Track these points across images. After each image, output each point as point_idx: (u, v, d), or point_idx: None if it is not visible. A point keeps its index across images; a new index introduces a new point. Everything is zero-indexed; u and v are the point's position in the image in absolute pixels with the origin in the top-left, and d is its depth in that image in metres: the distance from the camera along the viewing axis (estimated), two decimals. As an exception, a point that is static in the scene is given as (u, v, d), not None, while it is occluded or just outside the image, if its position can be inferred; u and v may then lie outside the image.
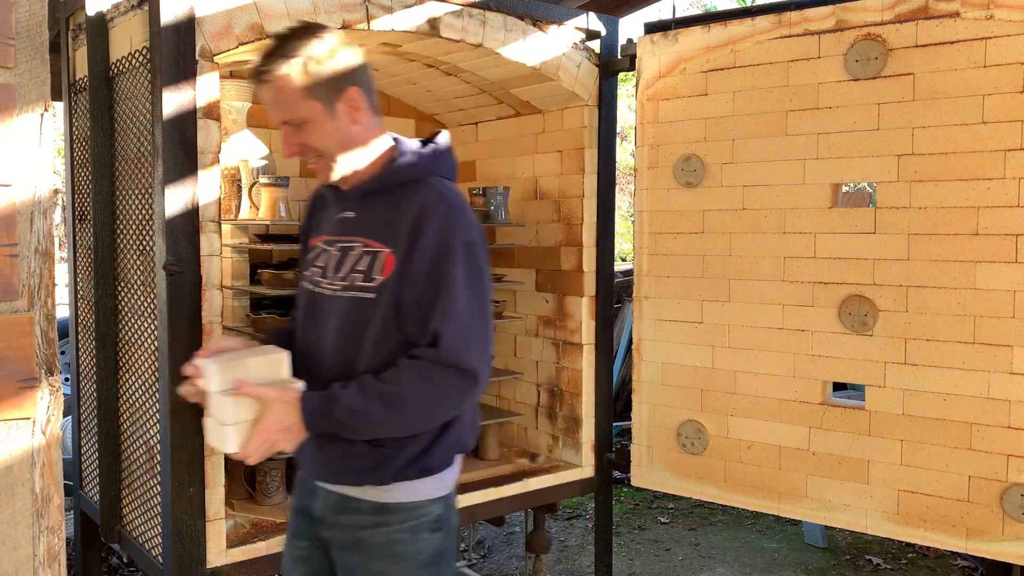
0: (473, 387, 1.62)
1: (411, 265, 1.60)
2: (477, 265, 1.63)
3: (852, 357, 2.49)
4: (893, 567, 3.92)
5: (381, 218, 1.67)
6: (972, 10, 2.26)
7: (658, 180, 2.84)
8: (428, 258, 1.59)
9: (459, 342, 1.58)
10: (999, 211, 2.25)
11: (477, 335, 1.61)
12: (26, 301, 0.90)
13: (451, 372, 1.58)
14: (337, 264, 1.70)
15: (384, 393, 1.56)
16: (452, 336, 1.58)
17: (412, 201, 1.64)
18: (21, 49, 0.89)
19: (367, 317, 1.63)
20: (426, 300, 1.59)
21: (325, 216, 1.80)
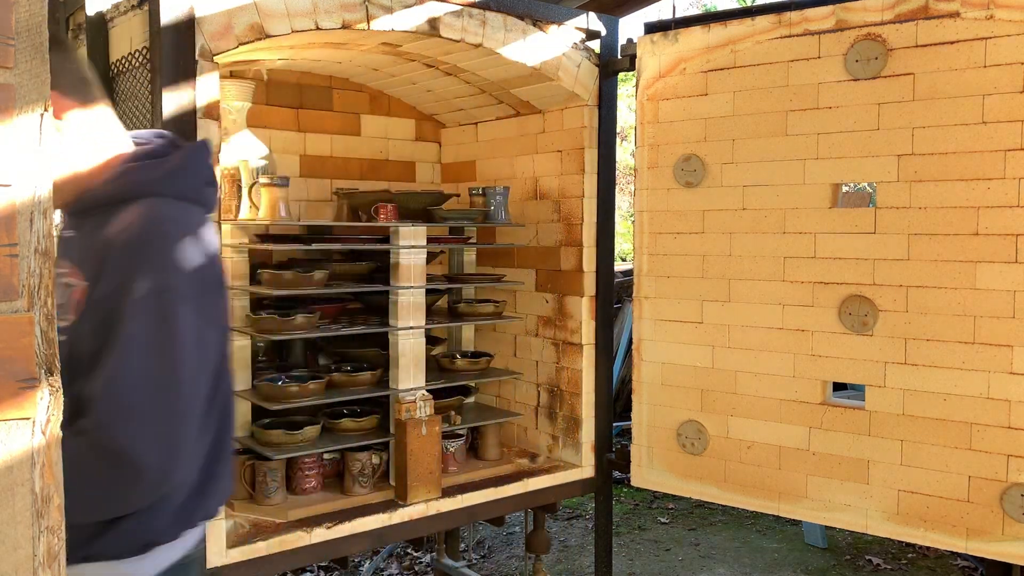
0: (136, 483, 1.24)
1: (90, 308, 1.27)
2: (168, 321, 1.26)
3: (852, 357, 2.49)
4: (893, 567, 3.92)
5: (83, 241, 1.35)
6: (972, 10, 2.26)
7: (658, 180, 2.84)
8: (105, 302, 1.26)
9: (115, 420, 1.22)
10: (999, 211, 2.25)
11: (149, 415, 1.24)
12: (26, 301, 0.90)
13: (104, 458, 1.22)
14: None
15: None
16: (106, 411, 1.22)
17: (113, 225, 1.32)
18: (21, 49, 0.89)
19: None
20: (96, 358, 1.25)
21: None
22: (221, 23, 2.21)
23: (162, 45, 2.13)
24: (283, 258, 3.25)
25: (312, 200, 3.39)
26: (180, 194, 1.40)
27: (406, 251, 2.73)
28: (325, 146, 3.43)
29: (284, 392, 2.63)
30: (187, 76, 2.17)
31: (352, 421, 2.78)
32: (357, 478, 2.73)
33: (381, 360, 2.91)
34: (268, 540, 2.39)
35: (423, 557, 4.03)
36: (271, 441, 2.62)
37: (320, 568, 3.82)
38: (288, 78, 3.31)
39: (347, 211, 3.03)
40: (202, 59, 2.19)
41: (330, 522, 2.53)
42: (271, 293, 2.70)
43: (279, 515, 2.56)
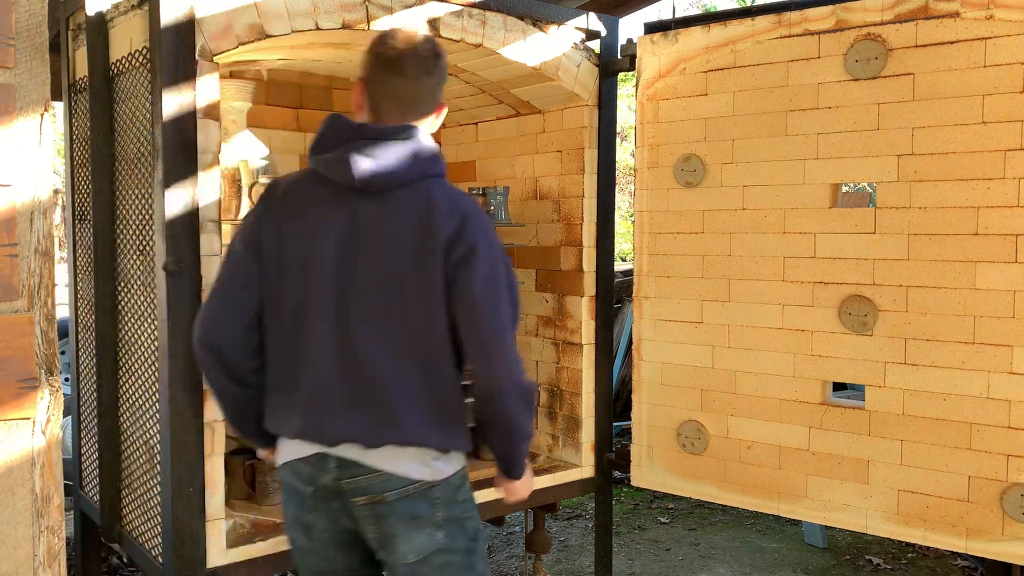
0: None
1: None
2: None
3: (852, 357, 2.49)
4: (893, 567, 3.92)
5: None
6: (972, 10, 2.26)
7: (658, 180, 2.84)
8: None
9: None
10: (999, 211, 2.25)
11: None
12: (26, 301, 0.90)
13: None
14: None
15: None
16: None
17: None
18: (21, 49, 0.89)
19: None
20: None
21: None
22: (221, 23, 2.21)
23: (162, 45, 2.13)
24: (283, 258, 3.24)
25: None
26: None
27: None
28: (325, 146, 3.43)
29: (284, 392, 2.62)
30: (187, 76, 2.17)
31: (352, 421, 2.78)
32: (357, 478, 2.72)
33: (381, 360, 2.90)
34: (268, 540, 2.39)
35: (423, 557, 4.02)
36: (271, 441, 2.62)
37: (320, 568, 3.81)
38: (288, 78, 3.31)
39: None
40: (202, 59, 2.19)
41: (330, 522, 2.52)
42: (271, 293, 2.69)
43: (279, 515, 2.55)
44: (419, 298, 1.70)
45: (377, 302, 1.70)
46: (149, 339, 2.32)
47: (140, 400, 2.41)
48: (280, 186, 1.81)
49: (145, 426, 2.39)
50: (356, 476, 1.72)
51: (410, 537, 1.74)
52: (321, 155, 1.74)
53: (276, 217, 1.76)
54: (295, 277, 1.73)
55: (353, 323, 1.70)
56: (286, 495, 1.83)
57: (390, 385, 1.70)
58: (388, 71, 1.74)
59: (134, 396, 2.45)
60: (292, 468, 1.78)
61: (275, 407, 1.79)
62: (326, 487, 1.74)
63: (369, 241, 1.71)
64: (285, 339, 1.76)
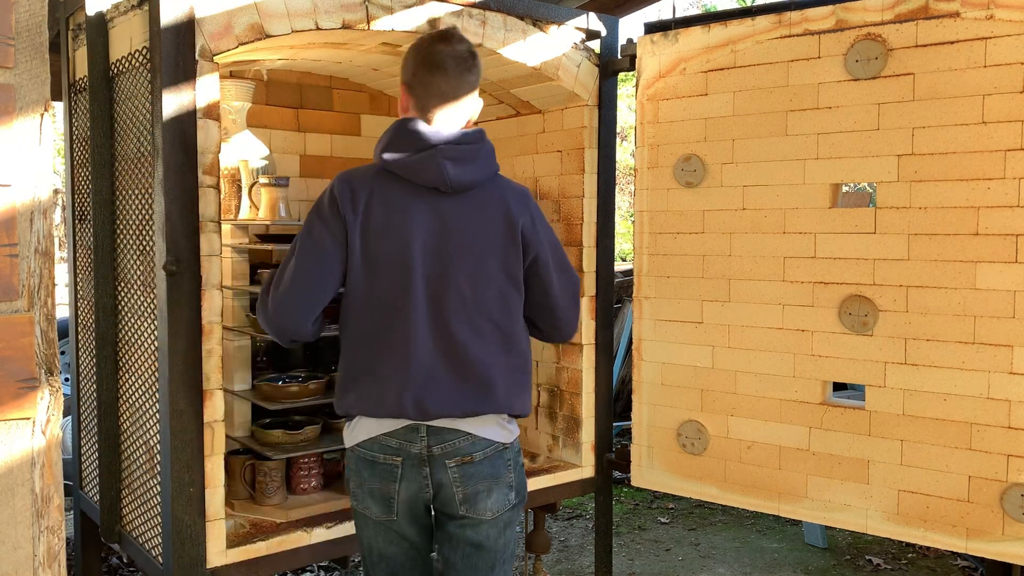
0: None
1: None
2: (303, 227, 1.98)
3: (852, 357, 2.49)
4: (893, 567, 3.92)
5: None
6: (972, 10, 2.26)
7: (658, 180, 2.84)
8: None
9: (266, 282, 2.04)
10: (999, 211, 2.25)
11: (276, 282, 1.97)
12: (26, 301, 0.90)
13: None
14: None
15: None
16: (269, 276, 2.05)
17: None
18: (21, 49, 0.89)
19: None
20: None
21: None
22: (221, 23, 2.21)
23: (162, 45, 2.13)
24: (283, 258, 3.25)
25: (312, 200, 3.39)
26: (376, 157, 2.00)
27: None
28: (325, 146, 3.43)
29: (284, 392, 2.63)
30: (187, 76, 2.17)
31: (352, 421, 2.78)
32: (357, 478, 2.73)
33: (381, 360, 2.90)
34: (268, 540, 2.39)
35: (423, 557, 4.03)
36: (271, 441, 2.62)
37: (320, 568, 3.82)
38: (288, 78, 3.31)
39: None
40: (202, 59, 2.19)
41: (330, 522, 2.53)
42: (271, 293, 2.69)
43: (279, 515, 2.56)
44: (503, 283, 1.98)
45: (466, 290, 1.94)
46: (149, 339, 2.32)
47: (140, 400, 2.41)
48: (357, 185, 1.95)
49: (145, 426, 2.39)
50: (447, 441, 1.94)
51: (490, 495, 1.98)
52: (400, 158, 1.92)
53: (361, 216, 1.92)
54: (387, 272, 1.93)
55: (446, 310, 1.93)
56: (366, 471, 1.98)
57: (483, 361, 1.95)
58: (433, 72, 1.94)
59: (134, 396, 2.45)
60: (377, 443, 1.96)
61: (362, 390, 1.96)
62: (418, 455, 1.94)
63: (457, 236, 1.94)
64: (375, 328, 1.95)
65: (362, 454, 1.98)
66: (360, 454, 1.99)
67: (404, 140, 1.93)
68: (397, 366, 1.92)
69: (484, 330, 1.96)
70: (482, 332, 1.96)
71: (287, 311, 1.94)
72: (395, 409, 1.92)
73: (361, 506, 2.02)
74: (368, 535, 2.04)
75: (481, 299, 1.96)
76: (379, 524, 2.01)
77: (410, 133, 1.93)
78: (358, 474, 2.00)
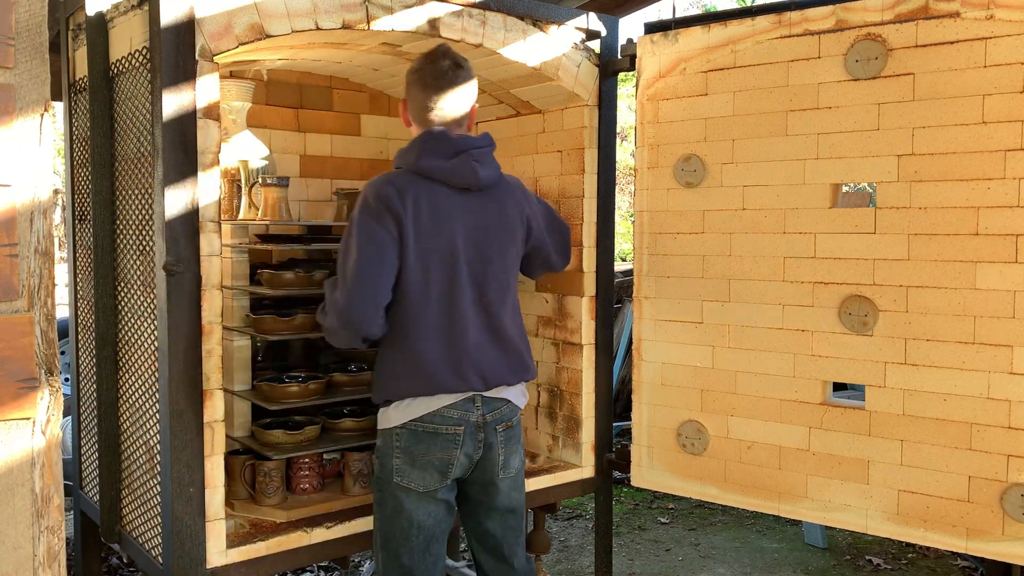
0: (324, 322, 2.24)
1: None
2: (348, 233, 2.17)
3: (852, 357, 2.50)
4: (893, 567, 3.92)
5: None
6: (972, 10, 2.26)
7: (658, 180, 2.84)
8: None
9: (328, 287, 2.24)
10: (999, 211, 2.25)
11: (338, 283, 2.18)
12: (26, 301, 0.90)
13: (327, 303, 2.25)
14: None
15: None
16: (328, 282, 2.27)
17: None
18: (21, 49, 0.89)
19: None
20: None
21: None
22: (221, 23, 2.21)
23: (162, 45, 2.13)
24: (283, 258, 3.25)
25: (312, 200, 3.39)
26: (400, 163, 2.26)
27: (406, 251, 2.73)
28: (325, 146, 3.43)
29: (284, 392, 2.63)
30: (187, 76, 2.17)
31: (352, 421, 2.78)
32: (357, 478, 2.73)
33: (381, 360, 2.90)
34: (268, 540, 2.39)
35: (423, 557, 4.02)
36: (271, 441, 2.62)
37: (320, 568, 3.82)
38: (288, 78, 3.31)
39: (347, 211, 3.03)
40: (202, 59, 2.19)
41: (330, 522, 2.53)
42: (271, 293, 2.70)
43: (279, 515, 2.56)
44: (514, 261, 2.34)
45: (498, 272, 2.26)
46: (149, 339, 2.32)
47: (140, 400, 2.41)
48: (401, 188, 2.17)
49: (145, 426, 2.39)
50: (496, 409, 2.26)
51: (515, 455, 2.34)
52: (436, 163, 2.18)
53: (411, 214, 2.14)
54: (438, 264, 2.17)
55: (487, 293, 2.24)
56: (426, 442, 2.19)
57: (513, 335, 2.29)
58: (441, 84, 2.21)
59: (134, 396, 2.46)
60: (439, 415, 2.19)
61: (421, 372, 2.17)
62: (475, 423, 2.23)
63: (488, 227, 2.24)
64: (432, 316, 2.18)
65: (422, 427, 2.18)
66: (419, 428, 2.18)
67: (438, 148, 2.19)
68: (455, 347, 2.18)
69: (509, 307, 2.29)
70: (509, 309, 2.29)
71: (362, 311, 2.12)
72: (457, 384, 2.18)
73: (405, 480, 2.20)
74: (409, 508, 2.21)
75: (507, 281, 2.29)
76: (422, 496, 2.21)
77: (442, 141, 2.20)
78: (413, 447, 2.19)
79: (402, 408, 2.20)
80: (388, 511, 2.25)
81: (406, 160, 2.22)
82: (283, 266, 2.98)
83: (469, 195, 2.23)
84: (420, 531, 2.23)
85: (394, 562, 2.26)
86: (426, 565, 2.25)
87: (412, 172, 2.20)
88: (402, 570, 2.25)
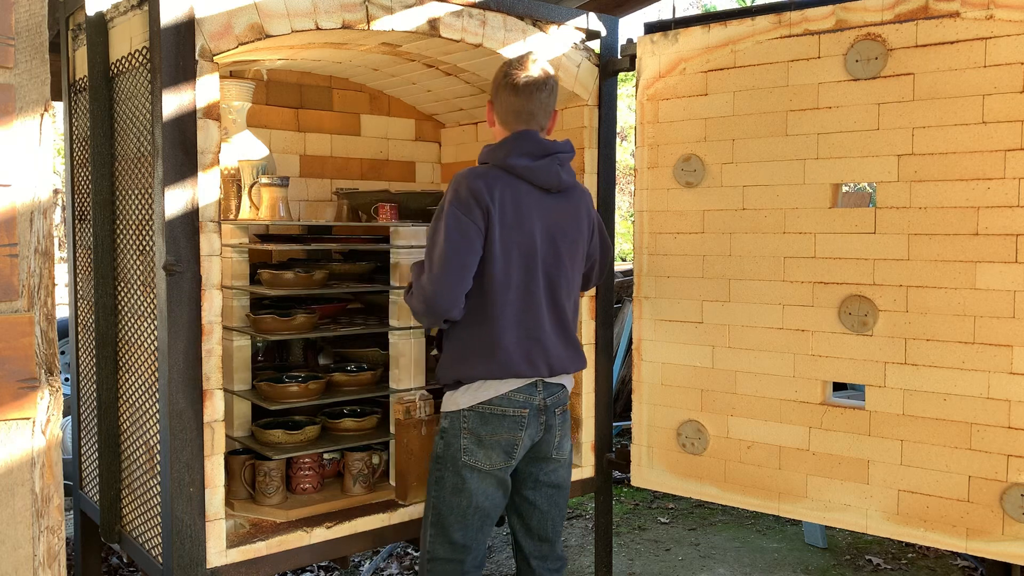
0: (415, 303, 2.33)
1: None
2: (437, 221, 2.26)
3: (852, 357, 2.49)
4: (893, 567, 3.92)
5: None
6: (972, 10, 2.26)
7: (658, 180, 2.84)
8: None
9: (415, 270, 2.35)
10: (999, 211, 2.25)
11: (425, 268, 2.29)
12: (26, 301, 0.90)
13: (412, 285, 2.36)
14: None
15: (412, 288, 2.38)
16: (416, 265, 2.38)
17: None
18: (21, 49, 0.89)
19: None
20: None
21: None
22: (221, 23, 2.21)
23: (162, 45, 2.13)
24: (283, 258, 3.25)
25: (312, 200, 3.39)
26: (487, 159, 2.37)
27: (406, 251, 2.73)
28: (325, 146, 3.43)
29: (284, 392, 2.63)
30: (187, 76, 2.17)
31: (352, 421, 2.78)
32: (357, 478, 2.73)
33: (381, 360, 2.91)
34: (268, 540, 2.39)
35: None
36: (271, 441, 2.62)
37: (320, 568, 3.82)
38: (288, 78, 3.31)
39: (347, 211, 3.03)
40: (202, 59, 2.19)
41: (330, 522, 2.53)
42: (271, 293, 2.70)
43: (279, 515, 2.56)
44: (580, 263, 2.46)
45: (567, 270, 2.39)
46: (149, 339, 2.32)
47: (140, 400, 2.41)
48: (490, 183, 2.27)
49: (145, 426, 2.39)
50: (554, 394, 2.39)
51: (567, 438, 2.48)
52: (524, 162, 2.29)
53: (498, 209, 2.25)
54: (518, 258, 2.29)
55: (557, 288, 2.37)
56: (493, 424, 2.31)
57: (573, 330, 2.45)
58: (531, 90, 2.32)
59: (134, 396, 2.45)
60: (507, 398, 2.31)
61: (495, 357, 2.29)
62: (538, 406, 2.35)
63: (562, 227, 2.37)
64: (510, 306, 2.29)
65: (490, 410, 2.31)
66: (487, 410, 2.31)
67: (528, 148, 2.30)
68: (530, 335, 2.32)
69: (572, 304, 2.44)
70: (572, 306, 2.44)
71: (448, 297, 2.23)
72: (527, 370, 2.31)
73: (472, 459, 2.31)
74: (471, 487, 2.32)
75: (574, 279, 2.44)
76: (486, 474, 2.32)
77: (532, 142, 2.31)
78: (481, 428, 2.31)
79: (471, 391, 2.31)
80: (448, 489, 2.33)
81: (495, 157, 2.33)
82: (283, 266, 2.98)
83: (549, 195, 2.35)
84: (478, 510, 2.34)
85: (443, 538, 2.35)
86: (478, 543, 2.38)
87: (500, 168, 2.31)
88: (452, 546, 2.35)
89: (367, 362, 2.96)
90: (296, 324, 2.66)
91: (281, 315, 2.68)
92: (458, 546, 2.36)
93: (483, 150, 2.40)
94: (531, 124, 2.36)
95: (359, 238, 2.99)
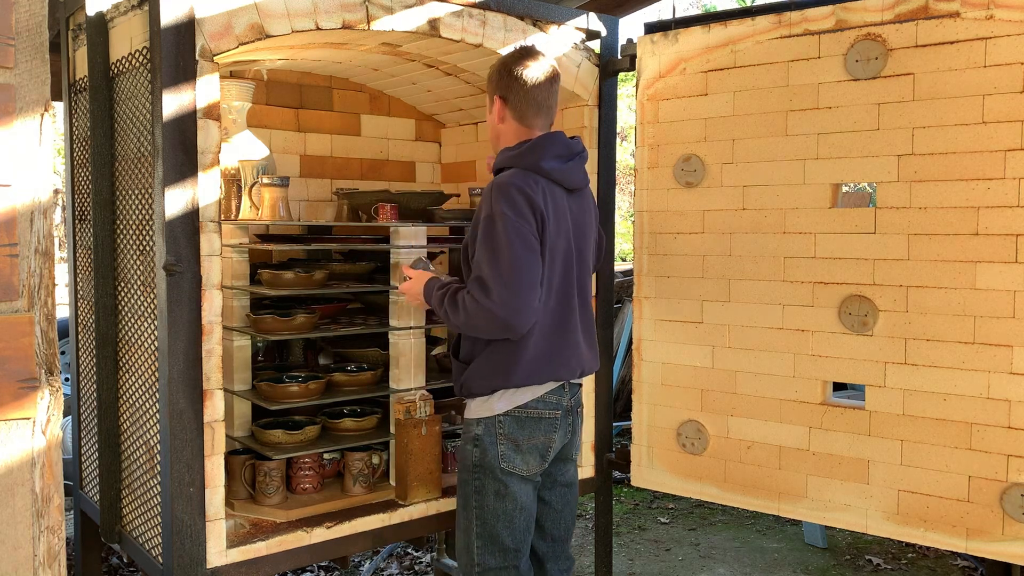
0: (477, 313, 2.21)
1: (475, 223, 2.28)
2: (493, 232, 2.17)
3: (852, 357, 2.49)
4: (893, 567, 3.92)
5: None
6: (972, 10, 2.26)
7: (658, 180, 2.84)
8: (476, 226, 2.25)
9: (476, 287, 2.19)
10: (999, 211, 2.25)
11: (490, 283, 2.16)
12: (26, 301, 0.90)
13: (472, 302, 2.19)
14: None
15: (451, 300, 2.25)
16: (476, 281, 2.21)
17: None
18: (21, 49, 0.89)
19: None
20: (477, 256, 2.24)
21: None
22: (221, 23, 2.21)
23: (162, 45, 2.13)
24: (283, 258, 3.25)
25: (312, 200, 3.39)
26: (525, 165, 2.28)
27: (406, 251, 2.73)
28: (325, 146, 3.43)
29: (284, 392, 2.63)
30: (187, 76, 2.17)
31: (352, 421, 2.78)
32: (357, 478, 2.73)
33: (381, 360, 2.91)
34: (268, 540, 2.39)
35: (423, 557, 4.03)
36: (271, 441, 2.62)
37: (320, 568, 3.82)
38: (288, 78, 3.31)
39: (347, 211, 3.03)
40: (202, 59, 2.19)
41: (330, 522, 2.53)
42: (271, 293, 2.70)
43: (279, 515, 2.56)
44: (593, 258, 2.50)
45: (587, 271, 2.44)
46: (149, 339, 2.32)
47: (140, 400, 2.41)
48: (539, 187, 2.24)
49: (145, 426, 2.39)
50: (576, 394, 2.43)
51: (580, 436, 2.49)
52: (556, 164, 2.28)
53: (548, 215, 2.24)
54: (558, 261, 2.29)
55: (585, 290, 2.41)
56: (530, 427, 2.31)
57: (592, 329, 2.46)
58: (547, 83, 2.32)
59: (134, 396, 2.46)
60: (542, 401, 2.31)
61: (543, 360, 2.28)
62: (567, 407, 2.37)
63: (583, 228, 2.40)
64: (553, 310, 2.30)
65: (525, 414, 2.30)
66: (522, 414, 2.30)
67: (558, 150, 2.29)
68: (568, 340, 2.33)
69: (590, 302, 2.46)
70: (590, 305, 2.45)
71: (527, 316, 2.17)
72: (563, 372, 2.32)
73: (510, 466, 2.30)
74: (515, 490, 2.31)
75: (591, 278, 2.49)
76: (525, 480, 2.32)
77: (561, 144, 2.31)
78: (517, 432, 2.29)
79: (508, 395, 2.29)
80: (490, 496, 2.32)
81: (527, 160, 2.26)
82: (283, 266, 2.98)
83: (570, 195, 2.35)
84: (523, 512, 2.34)
85: (494, 546, 2.34)
86: (527, 543, 2.39)
87: (534, 172, 2.25)
88: (504, 552, 2.34)
89: (367, 362, 2.96)
90: (296, 324, 2.66)
91: (281, 315, 2.67)
92: (509, 551, 2.34)
93: (504, 154, 2.33)
94: (550, 116, 2.35)
95: (359, 238, 2.99)
